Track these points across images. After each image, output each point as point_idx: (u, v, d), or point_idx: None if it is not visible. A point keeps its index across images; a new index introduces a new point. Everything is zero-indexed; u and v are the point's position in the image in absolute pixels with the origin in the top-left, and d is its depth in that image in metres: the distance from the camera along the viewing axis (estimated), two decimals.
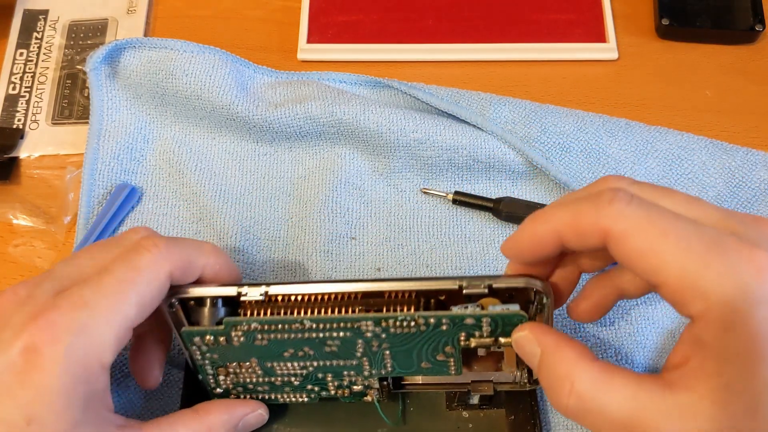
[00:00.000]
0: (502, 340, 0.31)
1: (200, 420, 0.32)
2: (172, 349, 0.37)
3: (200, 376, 0.35)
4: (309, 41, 0.50)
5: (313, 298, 0.32)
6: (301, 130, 0.44)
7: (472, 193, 0.44)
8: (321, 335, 0.32)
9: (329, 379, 0.34)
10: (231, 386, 0.35)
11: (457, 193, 0.43)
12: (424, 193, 0.44)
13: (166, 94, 0.45)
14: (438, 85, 0.47)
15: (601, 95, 0.48)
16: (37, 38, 0.51)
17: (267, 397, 0.36)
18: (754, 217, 0.26)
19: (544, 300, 0.30)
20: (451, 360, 0.33)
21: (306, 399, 0.36)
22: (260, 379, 0.34)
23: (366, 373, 0.34)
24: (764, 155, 0.44)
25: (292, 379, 0.34)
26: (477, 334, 0.31)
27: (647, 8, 0.51)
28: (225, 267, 0.33)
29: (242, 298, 0.32)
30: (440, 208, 0.44)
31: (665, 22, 0.49)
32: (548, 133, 0.44)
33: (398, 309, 0.31)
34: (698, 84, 0.48)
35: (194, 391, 0.36)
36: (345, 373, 0.34)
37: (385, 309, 0.31)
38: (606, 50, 0.49)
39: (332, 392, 0.35)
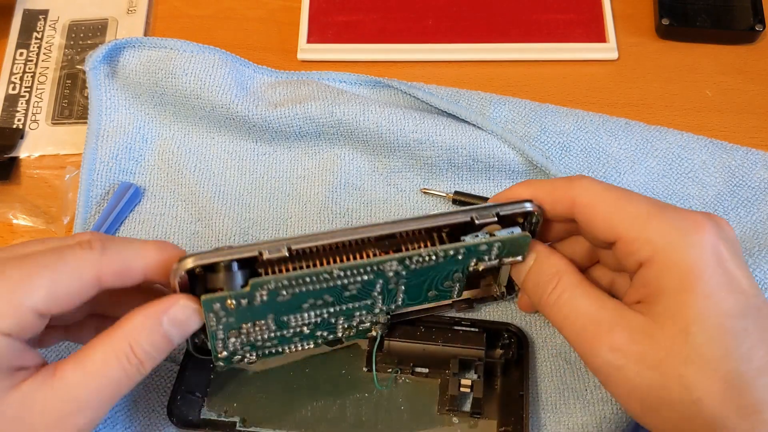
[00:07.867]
0: (505, 260, 0.35)
1: (115, 334, 0.30)
2: None
3: (209, 343, 0.34)
4: (309, 41, 0.50)
5: (333, 246, 0.32)
6: (301, 129, 0.44)
7: (472, 193, 0.44)
8: (345, 281, 0.32)
9: (341, 322, 0.35)
10: (239, 347, 0.34)
11: (457, 193, 0.43)
12: (424, 193, 0.44)
13: (166, 94, 0.45)
14: (438, 85, 0.47)
15: (601, 95, 0.48)
16: (37, 38, 0.51)
17: (274, 350, 0.35)
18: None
19: (537, 219, 0.34)
20: (456, 285, 0.36)
21: (312, 345, 0.36)
22: (271, 335, 0.34)
23: (377, 311, 0.36)
24: (764, 155, 0.44)
25: (304, 328, 0.34)
26: (486, 258, 0.34)
27: (647, 8, 0.51)
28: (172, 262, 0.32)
29: (265, 257, 0.31)
30: (440, 208, 0.44)
31: (665, 22, 0.49)
32: (548, 133, 0.43)
33: (415, 246, 0.33)
34: (698, 84, 0.48)
35: (187, 384, 0.37)
36: (357, 314, 0.35)
37: (403, 248, 0.33)
38: (606, 50, 0.49)
39: (339, 334, 0.36)
